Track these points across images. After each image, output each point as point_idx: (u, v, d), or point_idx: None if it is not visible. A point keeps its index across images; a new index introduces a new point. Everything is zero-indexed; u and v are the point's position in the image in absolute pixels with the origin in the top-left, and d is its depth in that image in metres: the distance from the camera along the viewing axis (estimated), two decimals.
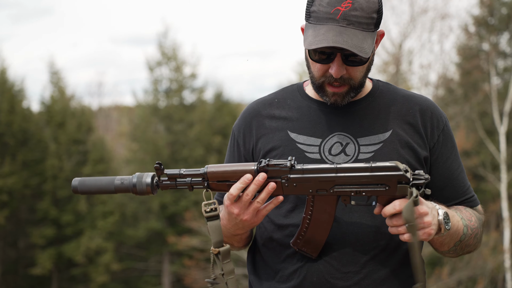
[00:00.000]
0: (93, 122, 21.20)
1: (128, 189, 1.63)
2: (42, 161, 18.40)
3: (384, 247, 1.65)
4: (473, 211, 1.74)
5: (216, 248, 1.57)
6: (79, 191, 1.67)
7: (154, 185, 1.61)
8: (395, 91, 1.76)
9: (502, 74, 16.27)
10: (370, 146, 1.67)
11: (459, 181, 1.73)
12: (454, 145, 1.73)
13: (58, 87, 20.13)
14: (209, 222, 1.57)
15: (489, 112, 15.03)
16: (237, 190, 1.54)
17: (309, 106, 1.73)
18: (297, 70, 20.81)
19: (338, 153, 1.67)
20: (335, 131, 1.69)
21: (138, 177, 1.62)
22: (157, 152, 19.20)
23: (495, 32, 15.74)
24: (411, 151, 1.67)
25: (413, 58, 14.74)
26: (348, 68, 1.61)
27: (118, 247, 19.11)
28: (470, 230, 1.67)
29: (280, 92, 1.81)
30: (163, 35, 20.26)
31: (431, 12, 14.44)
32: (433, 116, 1.71)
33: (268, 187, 1.54)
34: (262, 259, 1.76)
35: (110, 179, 1.65)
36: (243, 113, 1.81)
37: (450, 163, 1.72)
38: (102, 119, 28.63)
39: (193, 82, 20.53)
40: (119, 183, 1.64)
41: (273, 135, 1.72)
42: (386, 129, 1.68)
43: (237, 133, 1.79)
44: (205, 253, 15.41)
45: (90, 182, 1.66)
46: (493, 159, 14.54)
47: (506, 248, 12.81)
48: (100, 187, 1.66)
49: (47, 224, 18.04)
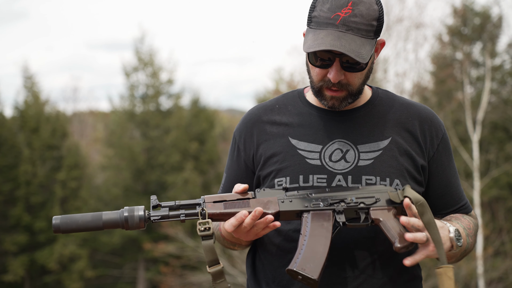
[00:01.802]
0: (68, 127, 20.95)
1: (118, 224, 1.55)
2: (15, 167, 18.11)
3: (383, 253, 1.68)
4: (470, 217, 1.78)
5: (209, 267, 1.58)
6: (61, 230, 1.56)
7: (146, 218, 1.57)
8: (395, 98, 1.78)
9: (475, 83, 16.54)
10: (369, 153, 1.69)
11: (456, 188, 1.77)
12: (451, 153, 1.77)
13: (32, 92, 19.86)
14: (203, 242, 1.57)
15: (462, 120, 15.26)
16: (233, 227, 1.57)
17: (310, 113, 1.75)
18: (274, 77, 20.89)
19: (339, 160, 1.69)
20: (335, 138, 1.71)
21: (130, 211, 1.55)
22: (133, 158, 19.06)
23: (468, 41, 16.01)
24: (409, 159, 1.70)
25: (389, 66, 14.92)
26: (346, 74, 1.63)
27: (93, 254, 18.88)
28: (470, 238, 1.71)
29: (281, 98, 1.82)
30: (140, 41, 20.17)
31: (406, 21, 14.64)
32: (432, 125, 1.74)
33: (267, 221, 1.56)
34: (261, 263, 1.77)
35: (96, 214, 1.56)
36: (244, 118, 1.82)
37: (448, 171, 1.75)
38: (77, 125, 28.30)
39: (170, 88, 20.45)
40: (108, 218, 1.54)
41: (274, 141, 1.73)
42: (385, 136, 1.71)
43: (238, 138, 1.80)
44: (182, 259, 15.31)
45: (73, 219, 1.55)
46: (466, 166, 14.75)
47: (478, 255, 12.99)
48: (85, 222, 1.55)
49: (19, 230, 17.74)
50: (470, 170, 14.67)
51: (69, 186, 18.40)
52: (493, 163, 15.52)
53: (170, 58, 24.32)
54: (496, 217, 14.80)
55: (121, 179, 19.29)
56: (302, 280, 1.53)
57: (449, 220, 1.72)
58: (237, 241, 1.75)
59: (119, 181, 19.32)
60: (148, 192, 19.08)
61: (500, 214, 14.79)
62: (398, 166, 1.68)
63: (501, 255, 14.13)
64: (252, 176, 1.78)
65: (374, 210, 1.59)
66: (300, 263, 1.53)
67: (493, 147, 15.86)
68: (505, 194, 15.73)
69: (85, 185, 19.13)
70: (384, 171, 1.67)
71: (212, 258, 1.56)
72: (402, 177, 1.68)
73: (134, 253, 18.94)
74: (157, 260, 17.75)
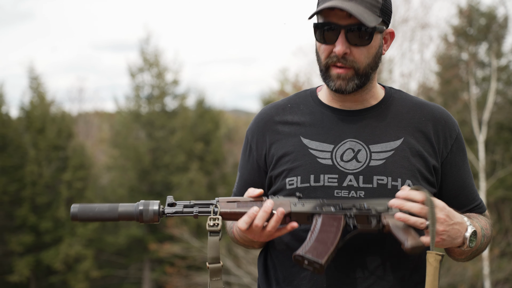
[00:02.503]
0: (73, 128, 21.01)
1: (133, 216, 1.59)
2: (21, 167, 18.17)
3: (393, 253, 1.67)
4: (485, 218, 1.78)
5: (209, 264, 1.58)
6: (78, 218, 1.60)
7: (160, 212, 1.60)
8: (408, 98, 1.77)
9: (480, 83, 16.50)
10: (381, 153, 1.69)
11: (470, 189, 1.77)
12: (465, 153, 1.76)
13: (38, 92, 19.92)
14: (209, 237, 1.58)
15: (468, 121, 15.21)
16: (246, 224, 1.57)
17: (322, 112, 1.75)
18: (279, 78, 20.89)
19: (350, 160, 1.68)
20: (347, 138, 1.70)
21: (145, 205, 1.60)
22: (138, 159, 19.09)
23: (473, 42, 15.97)
24: (421, 160, 1.69)
25: (394, 66, 14.90)
26: (352, 48, 1.63)
27: (98, 254, 18.92)
28: (486, 239, 1.71)
29: (293, 97, 1.82)
30: (145, 41, 20.21)
31: (412, 22, 14.62)
32: (446, 126, 1.73)
33: (277, 213, 1.57)
34: (273, 263, 1.77)
35: (113, 206, 1.61)
36: (256, 117, 1.83)
37: (462, 171, 1.75)
38: (82, 125, 28.38)
39: (175, 89, 20.49)
40: (123, 210, 1.59)
41: (286, 141, 1.74)
42: (397, 137, 1.70)
43: (250, 137, 1.81)
44: (187, 260, 15.32)
45: (91, 208, 1.60)
46: (472, 167, 14.70)
47: (484, 255, 12.95)
48: (102, 212, 1.60)
49: (25, 231, 17.80)
50: (476, 171, 14.63)
51: (74, 187, 18.45)
52: (499, 163, 15.47)
53: (175, 59, 24.40)
54: (502, 218, 14.74)
55: (127, 180, 19.33)
56: (308, 265, 1.54)
57: (470, 218, 1.71)
58: (250, 244, 1.76)
59: (125, 182, 19.36)
60: (154, 193, 19.11)
61: (506, 215, 14.74)
62: (410, 166, 1.67)
63: (507, 256, 14.08)
64: (264, 176, 1.78)
65: (386, 216, 1.59)
66: (307, 249, 1.55)
67: (499, 148, 15.81)
68: (511, 195, 15.67)
69: (91, 185, 19.18)
70: (395, 171, 1.67)
71: (214, 255, 1.57)
72: (414, 178, 1.67)
73: (139, 253, 18.97)
74: (163, 261, 17.77)
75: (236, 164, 19.16)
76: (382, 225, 1.59)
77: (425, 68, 15.75)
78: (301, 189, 1.67)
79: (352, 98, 1.73)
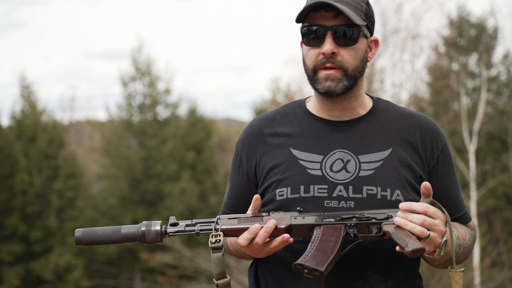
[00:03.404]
0: (65, 137, 20.92)
1: (136, 238, 1.63)
2: (12, 176, 18.06)
3: (386, 262, 1.68)
4: (467, 228, 1.80)
5: (216, 280, 1.60)
6: (83, 242, 1.64)
7: (163, 232, 1.63)
8: (395, 109, 1.80)
9: (471, 93, 16.62)
10: (370, 164, 1.70)
11: (455, 199, 1.78)
12: (451, 164, 1.78)
13: (29, 101, 19.84)
14: (212, 254, 1.60)
15: (458, 131, 15.30)
16: (246, 240, 1.59)
17: (311, 123, 1.76)
18: (271, 87, 20.95)
19: (339, 170, 1.70)
20: (336, 148, 1.72)
21: (147, 225, 1.63)
22: (130, 168, 19.03)
23: (464, 52, 16.10)
24: (410, 170, 1.71)
25: (385, 76, 14.98)
26: (339, 49, 1.66)
27: (88, 263, 18.80)
28: (462, 248, 1.72)
29: (282, 108, 1.84)
30: (138, 50, 20.21)
31: (403, 32, 14.72)
32: (433, 136, 1.75)
33: (283, 239, 1.58)
34: (263, 274, 1.78)
35: (116, 228, 1.65)
36: (245, 129, 1.84)
37: (448, 182, 1.76)
38: (74, 134, 28.27)
39: (167, 98, 20.47)
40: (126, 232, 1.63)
41: (276, 152, 1.75)
42: (386, 147, 1.72)
43: (240, 149, 1.82)
44: (178, 269, 15.25)
45: (94, 231, 1.64)
46: (463, 177, 14.78)
47: (475, 265, 12.98)
48: (105, 235, 1.64)
49: (15, 240, 17.66)
50: (466, 181, 14.69)
51: (65, 196, 18.35)
52: (489, 173, 15.55)
53: (168, 68, 24.42)
54: (493, 228, 14.80)
55: (118, 189, 19.26)
56: (308, 274, 1.53)
57: None
58: (243, 256, 1.77)
59: (116, 191, 19.28)
60: (145, 202, 19.04)
61: (497, 224, 14.80)
62: (399, 177, 1.69)
63: (498, 266, 14.12)
64: (254, 187, 1.79)
65: (386, 224, 1.60)
66: (307, 259, 1.55)
67: (489, 158, 15.90)
68: (501, 205, 15.75)
69: (82, 194, 19.08)
70: (385, 181, 1.68)
71: (219, 271, 1.59)
72: (402, 188, 1.69)
73: (130, 263, 18.86)
74: (154, 270, 17.67)
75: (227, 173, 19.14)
76: (382, 232, 1.60)
77: (416, 78, 15.86)
78: (291, 200, 1.68)
79: (340, 105, 1.74)
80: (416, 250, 1.53)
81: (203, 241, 17.17)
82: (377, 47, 1.76)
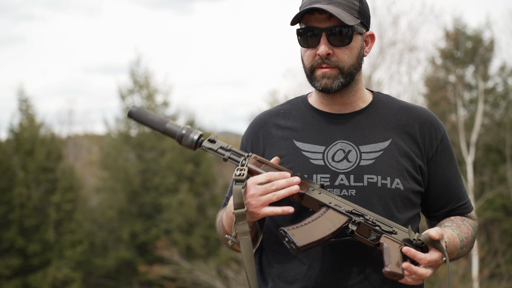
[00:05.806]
0: (63, 150, 20.91)
1: (175, 135, 1.74)
2: (10, 190, 18.02)
3: (373, 272, 1.72)
4: (469, 221, 1.83)
5: (234, 210, 1.65)
6: (133, 117, 1.77)
7: (198, 143, 1.74)
8: (395, 102, 1.85)
9: (468, 105, 16.69)
10: (371, 154, 1.76)
11: (456, 188, 1.82)
12: (451, 154, 1.83)
13: (27, 114, 19.85)
14: (234, 186, 1.66)
15: (456, 142, 15.35)
16: (267, 178, 1.64)
17: (313, 116, 1.82)
18: (268, 100, 21.01)
19: (341, 160, 1.76)
20: (337, 139, 1.78)
21: (188, 131, 1.73)
22: (128, 180, 19.02)
23: (461, 64, 16.20)
24: (409, 160, 1.76)
25: (383, 88, 15.04)
26: (334, 49, 1.71)
27: (86, 277, 18.71)
28: (465, 247, 1.77)
29: (286, 104, 1.90)
30: (136, 64, 20.28)
31: (400, 45, 14.81)
32: (432, 127, 1.80)
33: (292, 189, 1.63)
34: (268, 260, 1.82)
35: (163, 120, 1.75)
36: (251, 124, 1.90)
37: (447, 172, 1.81)
38: (72, 147, 28.26)
39: (165, 110, 20.52)
40: (170, 127, 1.74)
41: (280, 144, 1.81)
42: (386, 138, 1.77)
43: (245, 142, 1.89)
44: (177, 282, 15.20)
45: (146, 113, 1.76)
46: None
47: (474, 276, 12.96)
48: (152, 121, 1.76)
49: (13, 254, 17.59)
50: None
51: (63, 209, 18.31)
52: (487, 185, 15.58)
53: (166, 81, 24.49)
54: (492, 239, 14.80)
55: (116, 201, 19.22)
56: (287, 243, 1.60)
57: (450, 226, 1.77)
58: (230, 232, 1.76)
59: (114, 203, 19.25)
60: (143, 214, 19.00)
61: (495, 236, 14.80)
62: (398, 166, 1.74)
63: (497, 277, 14.10)
64: None
65: (386, 237, 1.64)
66: (293, 230, 1.60)
67: (487, 169, 15.93)
68: (500, 216, 15.75)
69: (80, 207, 19.04)
70: (385, 170, 1.74)
71: (238, 201, 1.64)
72: (402, 177, 1.74)
73: (128, 276, 18.78)
74: (152, 283, 17.59)
75: (226, 185, 19.13)
76: (378, 242, 1.64)
77: (413, 90, 15.93)
78: None
79: (339, 100, 1.80)
80: (393, 274, 1.58)
81: (201, 253, 17.13)
82: (373, 41, 1.81)
